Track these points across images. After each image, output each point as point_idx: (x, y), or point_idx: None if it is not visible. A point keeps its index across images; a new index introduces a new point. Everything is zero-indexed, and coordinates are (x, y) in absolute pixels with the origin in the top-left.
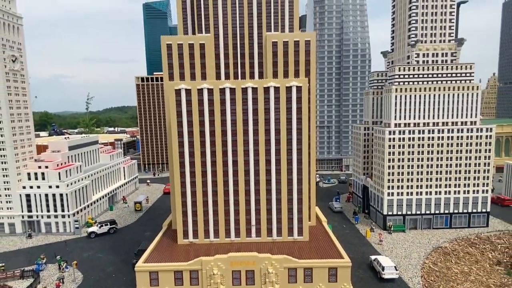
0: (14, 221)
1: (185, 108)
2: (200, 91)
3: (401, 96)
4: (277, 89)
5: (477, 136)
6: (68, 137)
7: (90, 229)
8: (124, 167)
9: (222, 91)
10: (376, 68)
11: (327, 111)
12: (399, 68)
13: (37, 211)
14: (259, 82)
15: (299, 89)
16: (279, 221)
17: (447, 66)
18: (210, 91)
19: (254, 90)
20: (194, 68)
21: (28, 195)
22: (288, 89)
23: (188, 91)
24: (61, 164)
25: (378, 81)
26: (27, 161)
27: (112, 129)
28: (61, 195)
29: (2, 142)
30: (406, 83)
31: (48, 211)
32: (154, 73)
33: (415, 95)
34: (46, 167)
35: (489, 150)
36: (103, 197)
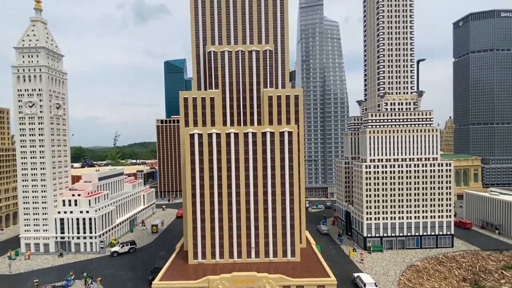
0: (49, 242)
1: (197, 149)
2: (210, 135)
3: (374, 137)
4: (272, 134)
5: (439, 170)
6: (98, 170)
7: (113, 249)
8: (143, 195)
9: (228, 135)
10: (353, 111)
11: (313, 147)
12: (372, 114)
13: (68, 233)
14: (257, 128)
15: (290, 133)
16: (275, 244)
17: (410, 113)
18: (218, 135)
19: (254, 134)
20: (205, 116)
21: (62, 219)
22: (281, 134)
23: (200, 135)
24: (92, 192)
25: (355, 124)
26: (63, 190)
27: (134, 161)
28: (90, 219)
29: (43, 174)
30: (378, 126)
31: (78, 232)
32: (172, 116)
33: (385, 136)
34: (79, 195)
35: (450, 181)
36: (125, 221)
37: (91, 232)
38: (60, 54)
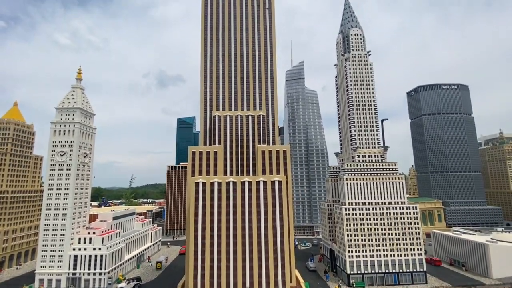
0: (61, 278)
1: (201, 196)
2: (212, 184)
3: (350, 183)
4: (265, 183)
5: (407, 212)
6: (113, 210)
7: (120, 285)
8: (151, 233)
9: (227, 183)
10: (332, 161)
11: (300, 191)
12: (347, 164)
13: (80, 269)
14: (252, 178)
15: (280, 183)
16: (268, 283)
17: (379, 164)
18: (219, 184)
19: (249, 183)
20: (209, 166)
21: (76, 256)
22: (272, 183)
23: (204, 184)
24: (106, 230)
25: (334, 172)
26: (80, 228)
27: (146, 200)
28: (101, 256)
29: (64, 214)
30: (353, 174)
31: (89, 269)
32: (180, 163)
33: (360, 183)
34: (94, 233)
35: (417, 222)
36: (133, 257)
37: (101, 268)
38: (92, 113)
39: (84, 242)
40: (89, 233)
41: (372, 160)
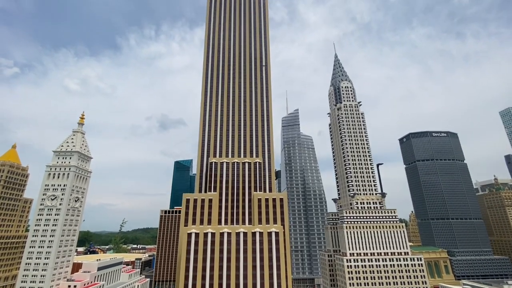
0: None
1: (193, 248)
2: (205, 234)
3: (350, 232)
4: (261, 233)
5: (412, 264)
6: (99, 259)
7: None
8: (138, 285)
9: (222, 234)
10: (330, 205)
11: (299, 238)
12: (346, 211)
13: None
14: (248, 228)
15: (277, 233)
16: None
17: (378, 211)
18: (213, 234)
19: (245, 233)
20: (203, 215)
21: None
22: (269, 234)
23: (197, 234)
24: (88, 283)
25: (333, 219)
26: (61, 280)
27: (136, 246)
28: None
29: (46, 264)
30: (352, 222)
31: None
32: (175, 207)
33: (360, 232)
34: (75, 286)
35: (424, 276)
36: None
37: None
38: (89, 157)
39: None
40: (69, 286)
41: (371, 207)
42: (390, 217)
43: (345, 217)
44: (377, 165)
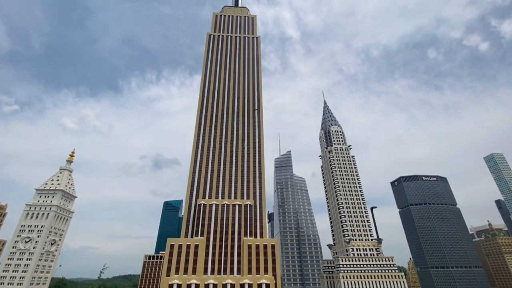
0: None
1: None
2: (188, 286)
3: (347, 282)
4: (250, 286)
5: None
6: None
7: None
8: None
9: (207, 286)
10: (326, 249)
11: (293, 286)
12: (342, 259)
13: None
14: (236, 279)
15: (267, 285)
16: None
17: (375, 259)
18: (197, 286)
19: (232, 286)
20: (188, 263)
21: None
22: (259, 286)
23: (179, 286)
24: None
25: (329, 267)
26: None
27: None
28: None
29: None
30: (349, 271)
31: None
32: (160, 252)
33: (357, 282)
34: None
35: None
36: None
37: None
38: (74, 196)
39: None
40: None
41: (367, 254)
42: (388, 265)
43: (341, 265)
44: (371, 209)
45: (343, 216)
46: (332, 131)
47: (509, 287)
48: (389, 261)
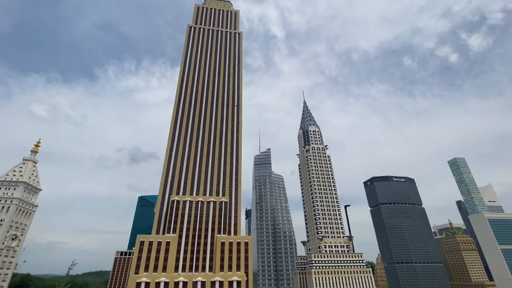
0: None
1: None
2: (157, 284)
3: (318, 277)
4: (221, 283)
5: None
6: None
7: None
8: None
9: (176, 284)
10: (301, 247)
11: (267, 285)
12: (314, 255)
13: None
14: (207, 276)
15: (239, 282)
16: None
17: (345, 255)
18: (166, 284)
19: (203, 283)
20: (158, 260)
21: None
22: (230, 283)
23: (147, 284)
24: None
25: (302, 263)
26: None
27: None
28: None
29: None
30: (321, 267)
31: None
32: (133, 248)
33: (328, 277)
34: None
35: None
36: None
37: None
38: (38, 188)
39: None
40: None
41: (338, 251)
42: (357, 261)
43: (314, 262)
44: (345, 207)
45: (317, 214)
46: (310, 131)
47: (464, 281)
48: (358, 257)
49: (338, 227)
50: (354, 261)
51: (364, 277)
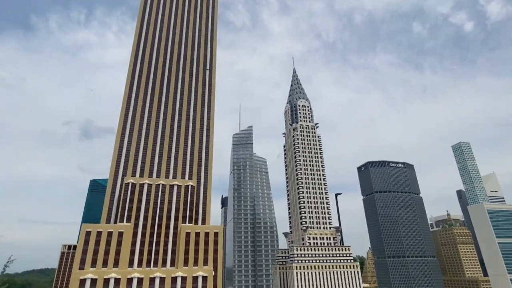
0: None
1: None
2: (106, 281)
3: (300, 273)
4: (184, 279)
5: None
6: None
7: None
8: None
9: (130, 281)
10: (283, 240)
11: (244, 281)
12: (297, 248)
13: None
14: (167, 271)
15: (205, 278)
16: None
17: (332, 248)
18: (118, 281)
19: (162, 279)
20: (109, 254)
21: None
22: (195, 279)
23: (94, 281)
24: None
25: (283, 257)
26: None
27: None
28: None
29: None
30: (303, 261)
31: None
32: None
33: (311, 272)
34: None
35: None
36: None
37: None
38: None
39: None
40: None
41: (324, 243)
42: (344, 255)
43: (296, 255)
44: (336, 195)
45: (302, 202)
46: (299, 105)
47: (458, 276)
48: (346, 250)
49: (325, 217)
50: (341, 255)
51: (351, 272)
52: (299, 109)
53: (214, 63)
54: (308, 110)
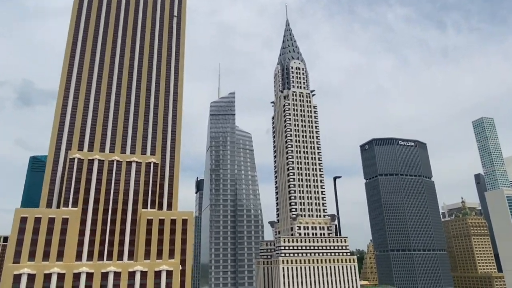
0: None
1: None
2: (47, 277)
3: (287, 268)
4: (144, 274)
5: None
6: None
7: None
8: None
9: (77, 276)
10: (268, 231)
11: (222, 278)
12: (284, 239)
13: None
14: (123, 265)
15: (169, 273)
16: None
17: (325, 239)
18: (61, 277)
19: (117, 275)
20: (50, 245)
21: None
22: (157, 274)
23: (31, 277)
24: None
25: (268, 250)
26: None
27: None
28: None
29: None
30: (291, 255)
31: None
32: None
33: (301, 267)
34: None
35: None
36: None
37: None
38: None
39: None
40: None
41: (316, 234)
42: (340, 247)
43: (282, 247)
44: (334, 179)
45: (292, 185)
46: (291, 67)
47: (469, 271)
48: (341, 242)
49: (319, 203)
50: (335, 247)
51: (346, 266)
52: (292, 72)
53: (184, 8)
54: (303, 73)
